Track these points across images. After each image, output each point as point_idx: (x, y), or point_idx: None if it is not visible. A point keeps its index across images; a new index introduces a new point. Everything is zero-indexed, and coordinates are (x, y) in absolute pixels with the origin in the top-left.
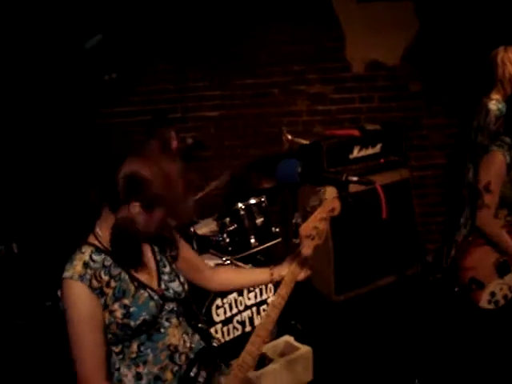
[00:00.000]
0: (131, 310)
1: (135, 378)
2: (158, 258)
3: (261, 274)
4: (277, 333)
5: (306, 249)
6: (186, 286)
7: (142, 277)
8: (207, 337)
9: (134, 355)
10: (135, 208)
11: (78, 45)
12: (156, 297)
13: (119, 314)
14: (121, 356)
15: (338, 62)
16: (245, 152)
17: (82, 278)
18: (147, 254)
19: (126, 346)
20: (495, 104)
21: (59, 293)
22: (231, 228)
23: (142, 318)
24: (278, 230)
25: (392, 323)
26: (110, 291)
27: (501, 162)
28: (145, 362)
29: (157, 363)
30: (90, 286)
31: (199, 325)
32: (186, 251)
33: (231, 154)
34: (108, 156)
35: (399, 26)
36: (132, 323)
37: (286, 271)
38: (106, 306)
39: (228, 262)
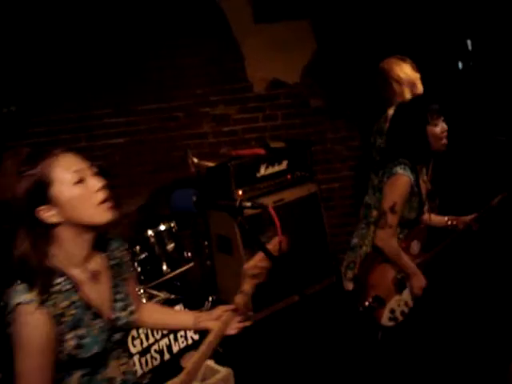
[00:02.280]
0: (84, 341)
1: None
2: (115, 282)
3: (186, 319)
4: None
5: (247, 287)
6: (135, 316)
7: (97, 303)
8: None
9: None
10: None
11: None
12: (108, 327)
13: (72, 343)
14: None
15: (239, 83)
16: (153, 178)
17: (43, 302)
18: (103, 277)
19: (69, 375)
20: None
21: (8, 318)
22: (142, 256)
23: (94, 351)
24: (190, 254)
25: (311, 337)
26: (67, 319)
27: (406, 185)
28: None
29: None
30: (49, 313)
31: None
32: (132, 275)
33: (139, 181)
34: None
35: (297, 44)
36: (83, 355)
37: (213, 322)
38: (59, 334)
39: (142, 291)
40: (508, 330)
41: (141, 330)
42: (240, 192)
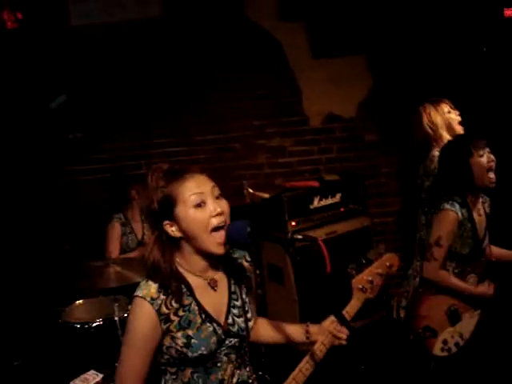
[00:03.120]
0: (192, 341)
1: None
2: (233, 289)
3: (297, 333)
4: None
5: (356, 301)
6: (251, 323)
7: (211, 308)
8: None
9: (186, 380)
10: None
11: (44, 104)
12: (220, 331)
13: (180, 342)
14: (174, 377)
15: (295, 116)
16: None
17: (152, 300)
18: (221, 285)
19: (181, 370)
20: (439, 151)
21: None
22: None
23: (200, 352)
24: None
25: (360, 368)
26: (176, 319)
27: (453, 220)
28: None
29: None
30: (158, 311)
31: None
32: (253, 288)
33: None
34: None
35: (354, 79)
36: (190, 354)
37: (324, 332)
38: (168, 332)
39: None
40: None
41: None
42: (293, 223)
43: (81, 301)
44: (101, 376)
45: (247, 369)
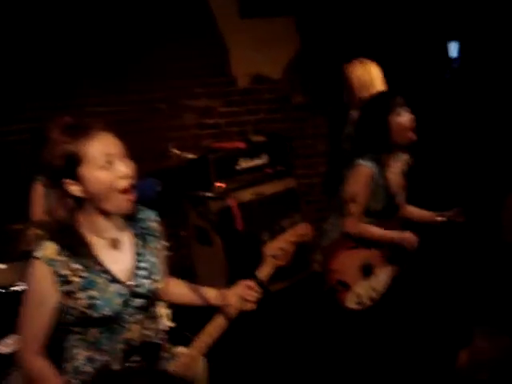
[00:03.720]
0: (96, 302)
1: (88, 359)
2: (139, 250)
3: (213, 296)
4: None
5: (267, 267)
6: (160, 285)
7: (116, 269)
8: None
9: (91, 339)
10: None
11: None
12: (125, 292)
13: (83, 302)
14: (78, 336)
15: (223, 77)
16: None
17: (50, 262)
18: (125, 245)
19: (86, 330)
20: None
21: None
22: None
23: (103, 313)
24: (167, 243)
25: (282, 328)
26: (78, 280)
27: (367, 174)
28: (99, 349)
29: (110, 353)
30: (56, 272)
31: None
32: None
33: None
34: None
35: (282, 41)
36: (94, 314)
37: (236, 298)
38: (70, 293)
39: None
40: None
41: None
42: (219, 184)
43: (2, 265)
44: None
45: (158, 328)
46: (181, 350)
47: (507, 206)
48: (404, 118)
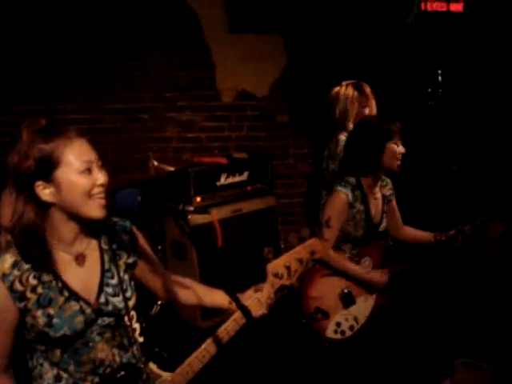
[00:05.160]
0: (53, 321)
1: (55, 378)
2: (107, 266)
3: (220, 299)
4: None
5: (269, 287)
6: (131, 302)
7: (78, 286)
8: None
9: (56, 359)
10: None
11: None
12: (88, 310)
13: (41, 321)
14: (45, 355)
15: (208, 90)
16: (113, 178)
17: (4, 277)
18: (91, 261)
19: (50, 349)
20: (344, 134)
21: None
22: None
23: (62, 332)
24: None
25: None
26: (33, 297)
27: (342, 201)
28: (65, 369)
29: (77, 373)
30: (10, 288)
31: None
32: (146, 258)
33: None
34: None
35: (269, 57)
36: (52, 334)
37: (229, 320)
38: (27, 310)
39: None
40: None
41: None
42: (198, 199)
43: None
44: None
45: (133, 348)
46: (155, 369)
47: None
48: (399, 148)
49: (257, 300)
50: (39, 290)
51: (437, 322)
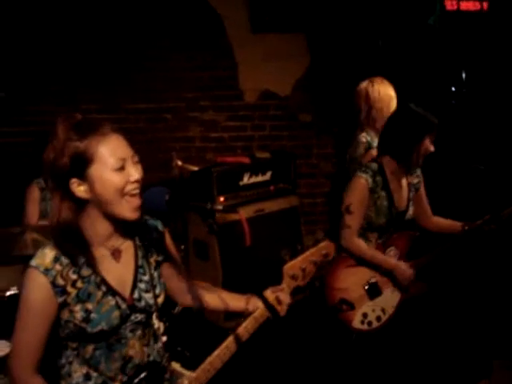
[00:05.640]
0: (91, 316)
1: (84, 376)
2: (140, 263)
3: (237, 302)
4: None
5: (286, 288)
6: (160, 299)
7: (115, 281)
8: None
9: (87, 356)
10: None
11: None
12: (124, 306)
13: (79, 316)
14: (76, 352)
15: (231, 90)
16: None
17: (47, 271)
18: (126, 256)
19: (82, 346)
20: (364, 136)
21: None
22: None
23: (99, 328)
24: None
25: (280, 346)
26: (74, 291)
27: (362, 186)
28: (96, 367)
29: (107, 371)
30: (53, 283)
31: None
32: (172, 259)
33: None
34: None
35: (292, 57)
36: (89, 329)
37: (261, 306)
38: (66, 305)
39: None
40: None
41: None
42: (222, 199)
43: None
44: None
45: (159, 346)
46: (179, 368)
47: None
48: (431, 147)
49: (276, 301)
50: (79, 284)
51: (475, 318)
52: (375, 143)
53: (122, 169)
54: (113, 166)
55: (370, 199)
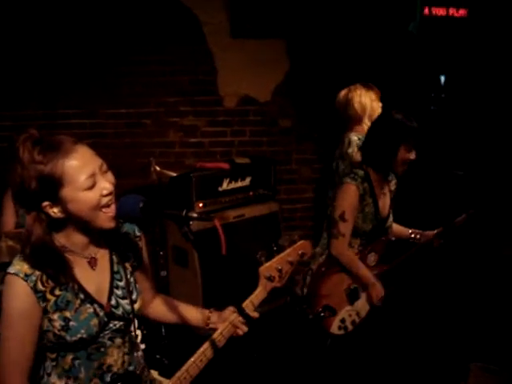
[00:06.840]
0: (71, 324)
1: None
2: (116, 269)
3: (196, 318)
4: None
5: (262, 290)
6: (136, 305)
7: (92, 289)
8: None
9: (66, 367)
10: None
11: None
12: (101, 313)
13: (57, 324)
14: (54, 363)
15: (210, 95)
16: (116, 183)
17: (27, 277)
18: (102, 263)
19: (61, 356)
20: (356, 135)
21: (1, 287)
22: None
23: (79, 336)
24: None
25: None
26: (52, 298)
27: (354, 194)
28: (75, 376)
29: (87, 381)
30: (34, 288)
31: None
32: (143, 266)
33: None
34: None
35: (271, 63)
36: (68, 338)
37: (225, 323)
38: (45, 312)
39: None
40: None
41: None
42: (200, 204)
43: None
44: None
45: (139, 354)
46: (156, 376)
47: None
48: (410, 155)
49: (251, 304)
50: (57, 291)
51: (451, 321)
52: None
53: (93, 186)
54: (84, 186)
55: (359, 206)
